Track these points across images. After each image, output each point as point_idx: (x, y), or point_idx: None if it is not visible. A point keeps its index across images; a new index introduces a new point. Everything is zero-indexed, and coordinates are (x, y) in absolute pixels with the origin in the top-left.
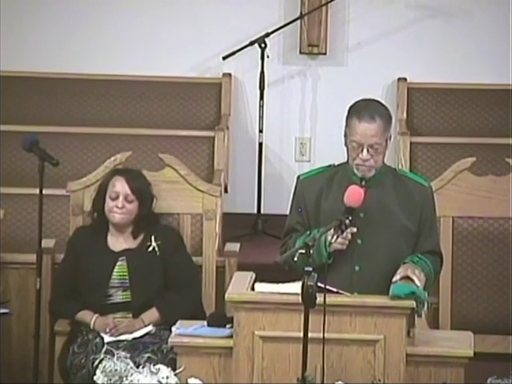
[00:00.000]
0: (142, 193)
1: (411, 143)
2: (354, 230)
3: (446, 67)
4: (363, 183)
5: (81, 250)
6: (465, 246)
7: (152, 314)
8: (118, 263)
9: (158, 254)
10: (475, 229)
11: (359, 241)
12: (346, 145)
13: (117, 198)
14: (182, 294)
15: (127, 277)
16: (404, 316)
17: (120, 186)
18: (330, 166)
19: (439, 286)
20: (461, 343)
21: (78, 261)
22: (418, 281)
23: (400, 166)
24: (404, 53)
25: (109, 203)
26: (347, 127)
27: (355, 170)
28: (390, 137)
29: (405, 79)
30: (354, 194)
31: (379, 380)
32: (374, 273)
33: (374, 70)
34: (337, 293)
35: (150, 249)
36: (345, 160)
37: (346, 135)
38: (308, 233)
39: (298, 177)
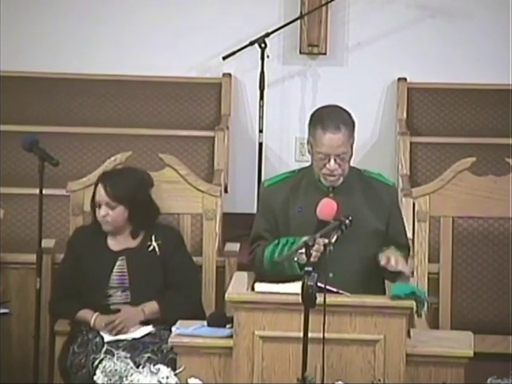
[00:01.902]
0: (126, 196)
1: (411, 143)
2: (326, 241)
3: (446, 67)
4: (330, 189)
5: (80, 250)
6: (465, 246)
7: (152, 305)
8: (118, 263)
9: (158, 253)
10: (475, 229)
11: (331, 247)
12: (309, 152)
13: (100, 206)
14: (181, 293)
15: (127, 277)
16: (404, 316)
17: (99, 194)
18: (294, 171)
19: (439, 286)
20: (461, 343)
21: (78, 261)
22: (404, 268)
23: (400, 166)
24: (404, 53)
25: (97, 211)
26: (311, 136)
27: (322, 180)
28: (354, 140)
29: (405, 79)
30: (326, 208)
31: (379, 380)
32: (348, 278)
33: (373, 70)
34: (337, 293)
35: (150, 248)
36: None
37: (308, 142)
38: (276, 241)
39: (262, 183)
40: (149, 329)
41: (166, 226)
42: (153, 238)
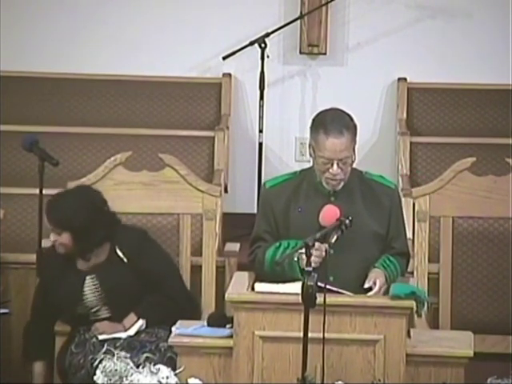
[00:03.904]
0: (66, 223)
1: (411, 143)
2: (328, 246)
3: (446, 67)
4: (331, 192)
5: (50, 275)
6: (465, 246)
7: (131, 318)
8: (88, 282)
9: (125, 261)
10: (475, 229)
11: (332, 251)
12: (310, 155)
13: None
14: (158, 294)
15: (102, 293)
16: (404, 316)
17: (46, 221)
18: (295, 172)
19: (439, 286)
20: (461, 343)
21: (49, 285)
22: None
23: (400, 166)
24: (404, 53)
25: None
26: (313, 140)
27: (324, 184)
28: (356, 143)
29: (405, 79)
30: (329, 215)
31: (379, 380)
32: (349, 281)
33: (374, 70)
34: (337, 292)
35: (118, 259)
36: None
37: (310, 146)
38: (278, 244)
39: (264, 184)
40: (139, 323)
41: (129, 230)
42: (117, 248)
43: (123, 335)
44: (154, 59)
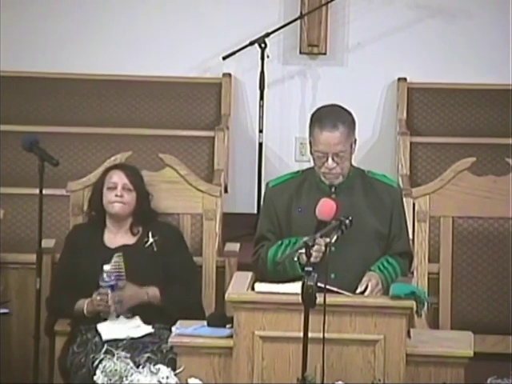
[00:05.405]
0: (139, 184)
1: (411, 143)
2: (327, 240)
3: (446, 67)
4: (332, 190)
5: (77, 247)
6: (465, 246)
7: (154, 290)
8: (117, 259)
9: (155, 249)
10: (475, 229)
11: (333, 248)
12: (311, 153)
13: (115, 188)
14: (181, 288)
15: (124, 273)
16: (404, 316)
17: (117, 177)
18: (298, 172)
19: (439, 286)
20: (461, 343)
21: (75, 257)
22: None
23: (400, 166)
24: (404, 53)
25: (107, 195)
26: (310, 136)
27: (322, 178)
28: (355, 141)
29: (405, 79)
30: (325, 208)
31: (379, 380)
32: (350, 279)
33: (373, 70)
34: (337, 293)
35: (147, 245)
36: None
37: (310, 142)
38: (280, 242)
39: (267, 184)
40: (148, 329)
41: (163, 223)
42: (150, 234)
43: (128, 337)
44: (153, 59)
